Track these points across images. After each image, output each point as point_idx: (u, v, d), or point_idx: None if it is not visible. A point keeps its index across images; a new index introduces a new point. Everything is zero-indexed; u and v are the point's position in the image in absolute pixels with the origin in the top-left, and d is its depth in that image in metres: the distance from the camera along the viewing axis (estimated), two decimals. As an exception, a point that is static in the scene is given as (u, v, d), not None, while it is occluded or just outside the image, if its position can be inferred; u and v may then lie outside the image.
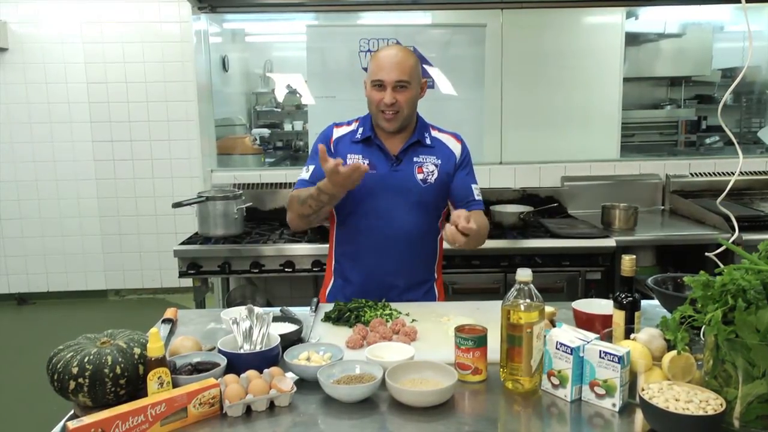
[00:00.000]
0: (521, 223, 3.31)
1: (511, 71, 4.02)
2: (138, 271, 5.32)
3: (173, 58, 5.02)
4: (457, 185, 2.08)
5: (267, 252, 3.14)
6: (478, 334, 1.43)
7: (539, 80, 4.06)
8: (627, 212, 3.35)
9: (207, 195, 3.30)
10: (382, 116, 1.98)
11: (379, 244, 2.01)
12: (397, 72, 1.93)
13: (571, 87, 4.08)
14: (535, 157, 3.96)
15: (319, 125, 3.79)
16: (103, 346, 1.34)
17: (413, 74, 1.96)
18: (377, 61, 1.97)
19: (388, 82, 1.94)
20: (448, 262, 2.93)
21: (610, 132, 4.17)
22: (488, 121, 3.99)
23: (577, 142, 4.07)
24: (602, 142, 4.15)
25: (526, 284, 1.39)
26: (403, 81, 1.94)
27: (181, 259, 3.13)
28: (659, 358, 1.31)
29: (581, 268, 3.11)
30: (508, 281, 3.09)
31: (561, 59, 4.07)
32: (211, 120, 4.12)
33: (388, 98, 1.94)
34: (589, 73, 4.12)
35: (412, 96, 1.97)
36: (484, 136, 3.97)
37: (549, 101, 4.08)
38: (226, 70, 5.56)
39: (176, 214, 4.95)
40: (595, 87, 4.14)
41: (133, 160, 5.12)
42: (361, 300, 1.91)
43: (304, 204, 1.93)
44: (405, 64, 1.94)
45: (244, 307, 1.62)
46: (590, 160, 3.97)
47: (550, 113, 4.09)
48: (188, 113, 4.97)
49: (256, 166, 4.81)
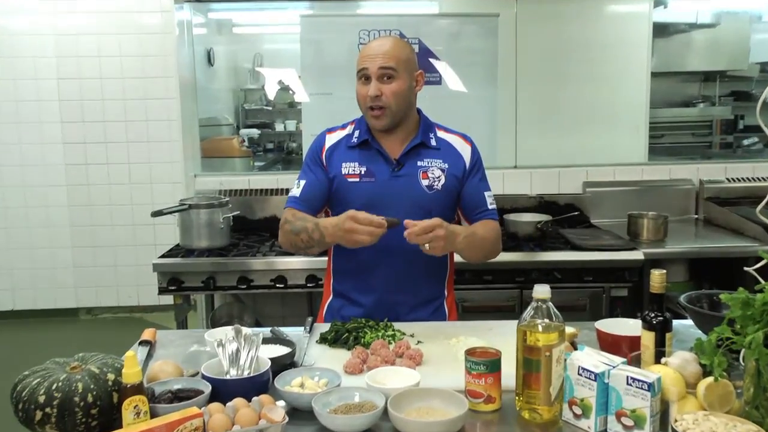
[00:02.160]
0: (538, 233, 3.30)
1: (526, 65, 4.02)
2: (113, 288, 5.31)
3: (153, 51, 5.03)
4: (469, 193, 2.07)
5: (256, 266, 3.13)
6: (491, 357, 1.42)
7: (558, 75, 4.07)
8: (656, 222, 3.34)
9: (190, 202, 3.30)
10: (370, 113, 1.99)
11: (382, 258, 2.01)
12: (381, 59, 1.94)
13: (594, 83, 4.08)
14: (554, 160, 3.97)
15: (314, 125, 3.81)
16: (74, 372, 1.34)
17: (401, 62, 1.96)
18: (362, 52, 2.00)
19: (372, 71, 1.95)
20: (458, 277, 2.91)
21: (636, 133, 4.17)
22: (502, 120, 3.99)
23: (601, 144, 4.07)
24: (628, 143, 4.15)
25: (545, 302, 1.38)
26: (388, 68, 1.94)
27: (160, 274, 3.13)
28: (694, 385, 1.30)
29: (605, 284, 3.10)
30: (524, 299, 3.08)
31: (582, 52, 4.08)
32: (195, 120, 4.13)
33: (372, 90, 1.94)
34: (613, 68, 4.12)
35: (400, 87, 1.96)
36: (497, 137, 3.97)
37: (569, 99, 4.08)
38: (211, 64, 5.59)
39: (156, 224, 4.94)
40: (620, 83, 4.15)
41: (108, 164, 5.12)
42: (361, 320, 1.91)
43: (297, 236, 1.95)
44: (391, 51, 1.95)
45: (230, 327, 1.62)
46: (615, 163, 3.97)
47: (571, 112, 4.09)
48: (170, 112, 4.97)
49: (244, 170, 4.81)
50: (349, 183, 2.01)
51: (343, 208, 2.00)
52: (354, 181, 2.01)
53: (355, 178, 2.02)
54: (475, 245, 1.99)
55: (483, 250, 2.06)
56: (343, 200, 2.02)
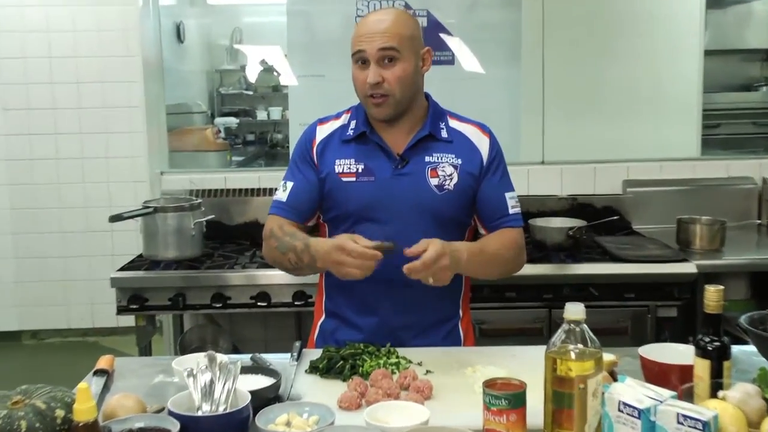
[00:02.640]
0: (570, 242, 3.30)
1: (555, 42, 4.02)
2: (62, 307, 5.31)
3: (112, 25, 5.04)
4: (487, 196, 2.07)
5: (234, 280, 3.13)
6: (514, 390, 1.41)
7: (593, 54, 4.07)
8: (711, 228, 3.34)
9: (155, 205, 3.30)
10: (370, 101, 1.99)
11: (384, 271, 2.00)
12: (380, 38, 1.94)
13: (636, 62, 4.08)
14: (588, 154, 3.97)
15: (302, 113, 3.82)
16: (16, 408, 1.33)
17: (405, 40, 1.96)
18: (357, 29, 2.00)
19: (370, 54, 1.95)
20: (474, 294, 2.90)
21: (687, 122, 4.17)
22: (526, 107, 3.99)
23: (644, 136, 4.07)
24: (677, 134, 4.15)
25: (578, 324, 1.38)
26: (389, 49, 1.94)
27: (119, 290, 3.13)
28: (757, 423, 1.30)
29: (651, 302, 3.10)
30: (553, 320, 3.08)
31: (622, 26, 4.08)
32: (162, 106, 4.13)
33: (372, 76, 1.94)
34: (659, 45, 4.12)
35: (405, 70, 1.97)
36: (521, 127, 3.97)
37: (606, 81, 4.08)
38: (181, 41, 5.60)
39: (114, 231, 4.94)
40: (667, 63, 4.14)
41: (57, 159, 5.13)
42: (359, 345, 1.91)
43: (285, 255, 1.97)
44: (392, 28, 1.95)
45: (203, 354, 1.62)
46: (661, 158, 3.97)
47: (608, 97, 4.09)
48: (131, 98, 4.97)
49: (220, 166, 4.81)
50: (344, 183, 2.01)
51: (337, 212, 2.00)
52: (349, 181, 2.01)
53: (351, 177, 2.02)
54: (484, 264, 2.00)
55: (497, 267, 2.06)
56: (338, 203, 2.02)
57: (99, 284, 4.74)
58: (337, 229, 2.05)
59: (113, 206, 4.63)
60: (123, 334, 5.06)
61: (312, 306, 2.25)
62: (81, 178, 5.16)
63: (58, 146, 5.13)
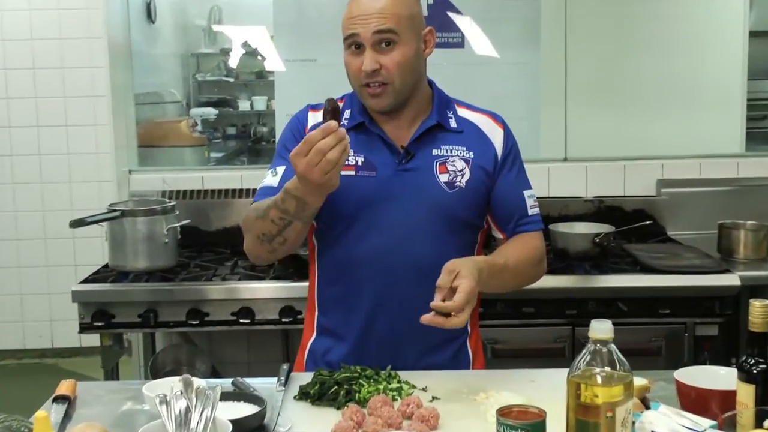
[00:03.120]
0: (597, 250, 3.30)
1: (579, 23, 4.03)
2: (17, 324, 5.31)
3: (74, 3, 5.04)
4: (503, 195, 2.07)
5: (213, 294, 3.14)
6: (532, 420, 1.42)
7: (621, 37, 4.08)
8: (757, 235, 3.34)
9: (123, 208, 3.30)
10: (367, 91, 1.99)
11: (384, 282, 2.01)
12: (376, 19, 1.94)
13: (670, 47, 4.09)
14: (617, 151, 3.97)
15: (290, 102, 3.80)
16: (-36, 438, 1.34)
17: (403, 20, 1.96)
18: (349, 10, 1.99)
19: (365, 37, 1.95)
20: (486, 309, 2.92)
21: (729, 113, 4.17)
22: (546, 96, 4.00)
23: (681, 129, 4.08)
24: (718, 128, 4.15)
25: (605, 344, 1.38)
26: (386, 32, 1.94)
27: (82, 305, 3.12)
28: (809, 456, 1.30)
29: (688, 318, 3.10)
30: (576, 339, 3.08)
31: (655, 5, 4.08)
32: (130, 95, 4.13)
33: (368, 63, 1.94)
34: (697, 26, 4.13)
35: (405, 55, 1.97)
36: (540, 119, 3.97)
37: (636, 68, 4.09)
38: (152, 21, 5.60)
39: (76, 238, 4.95)
40: (707, 46, 4.15)
41: (11, 155, 5.14)
42: (356, 368, 1.91)
43: (265, 218, 1.91)
44: (388, 7, 1.95)
45: (177, 378, 1.62)
46: (700, 155, 3.97)
47: (639, 86, 4.09)
48: (95, 85, 4.98)
49: (196, 164, 4.82)
50: (342, 177, 2.01)
51: (330, 211, 2.00)
52: (348, 175, 2.00)
53: (350, 171, 2.01)
54: (504, 280, 2.00)
55: (516, 281, 2.08)
56: (334, 200, 2.00)
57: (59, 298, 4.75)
58: (328, 231, 2.05)
59: (75, 209, 4.64)
60: (86, 356, 5.06)
61: (301, 323, 2.25)
62: (38, 177, 5.16)
63: (11, 141, 5.14)
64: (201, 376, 2.79)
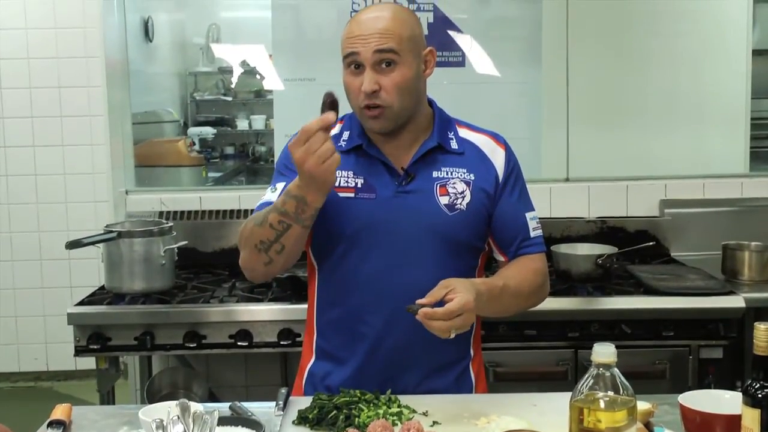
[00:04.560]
0: (600, 271, 3.30)
1: (581, 41, 4.04)
2: (11, 347, 5.29)
3: (70, 21, 5.06)
4: (506, 217, 2.07)
5: (210, 316, 3.13)
6: (534, 445, 1.41)
7: (624, 55, 4.09)
8: (762, 256, 3.34)
9: (119, 229, 3.30)
10: (366, 113, 1.99)
11: (384, 305, 2.01)
12: (377, 39, 1.94)
13: (673, 66, 4.10)
14: (620, 170, 3.98)
15: (289, 121, 3.82)
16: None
17: (404, 41, 1.96)
18: (349, 29, 1.99)
19: (365, 57, 1.94)
20: (488, 332, 2.91)
21: (733, 133, 4.18)
22: (548, 116, 4.01)
23: (684, 149, 4.08)
24: (721, 147, 4.16)
25: (608, 368, 1.38)
26: (386, 51, 1.94)
27: (78, 328, 3.12)
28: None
29: (692, 341, 3.09)
30: (579, 362, 3.08)
31: (658, 24, 4.10)
32: (128, 115, 4.14)
33: (368, 83, 1.94)
34: (700, 45, 4.14)
35: (405, 76, 1.97)
36: (542, 139, 3.98)
37: (639, 87, 4.10)
38: (150, 39, 5.63)
39: (72, 259, 4.95)
40: (710, 65, 4.16)
41: (7, 175, 5.14)
42: (355, 391, 1.90)
43: (264, 224, 1.90)
44: (390, 27, 1.95)
45: (174, 402, 1.61)
46: (704, 175, 3.98)
47: (642, 105, 4.10)
48: (92, 105, 4.99)
49: (194, 184, 4.82)
50: (341, 199, 2.01)
51: (333, 232, 2.00)
52: (347, 197, 2.01)
53: (349, 193, 2.02)
54: (505, 303, 2.00)
55: (517, 304, 2.07)
56: (334, 222, 2.00)
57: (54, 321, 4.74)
58: (328, 253, 2.05)
59: (71, 230, 4.64)
60: (82, 379, 5.04)
61: (300, 346, 2.24)
62: (34, 197, 5.16)
63: (7, 161, 5.14)
64: (198, 400, 2.80)
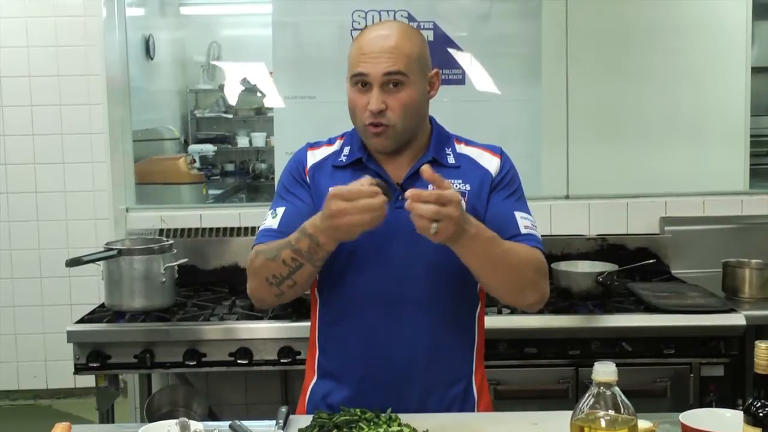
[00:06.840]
0: (600, 289, 3.30)
1: (581, 59, 4.05)
2: (11, 364, 5.28)
3: (72, 39, 5.07)
4: (494, 214, 2.04)
5: (210, 334, 3.13)
6: (535, 463, 1.41)
7: (623, 73, 4.10)
8: (762, 273, 3.33)
9: (119, 247, 3.31)
10: (370, 131, 1.99)
11: (384, 321, 2.01)
12: (387, 60, 1.94)
13: (673, 83, 4.10)
14: (620, 188, 3.98)
15: (289, 139, 3.82)
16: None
17: (413, 62, 1.97)
18: (358, 46, 2.00)
19: (375, 77, 1.95)
20: (488, 349, 2.88)
21: (732, 150, 4.18)
22: (548, 133, 4.01)
23: (684, 166, 4.09)
24: (721, 165, 4.16)
25: (609, 386, 1.38)
26: (396, 74, 1.94)
27: (78, 346, 3.12)
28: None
29: (693, 359, 3.09)
30: (580, 380, 3.06)
31: (657, 41, 4.11)
32: (128, 132, 4.15)
33: (375, 103, 1.94)
34: (699, 62, 4.15)
35: (411, 97, 1.98)
36: (542, 156, 3.98)
37: (639, 104, 4.11)
38: (151, 57, 5.65)
39: (72, 276, 4.94)
40: (709, 82, 4.17)
41: (8, 193, 5.14)
42: (355, 410, 1.90)
43: (276, 259, 1.91)
44: (400, 48, 1.96)
45: (174, 421, 1.61)
46: (704, 192, 3.98)
47: (641, 122, 4.11)
48: (93, 122, 5.00)
49: (194, 201, 4.83)
50: None
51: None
52: None
53: None
54: (493, 257, 1.89)
55: (508, 271, 1.95)
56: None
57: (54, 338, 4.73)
58: (328, 270, 2.02)
59: (71, 248, 4.64)
60: (81, 397, 5.02)
61: (301, 364, 2.24)
62: (34, 214, 5.16)
63: (7, 178, 5.14)
64: (198, 418, 2.79)
